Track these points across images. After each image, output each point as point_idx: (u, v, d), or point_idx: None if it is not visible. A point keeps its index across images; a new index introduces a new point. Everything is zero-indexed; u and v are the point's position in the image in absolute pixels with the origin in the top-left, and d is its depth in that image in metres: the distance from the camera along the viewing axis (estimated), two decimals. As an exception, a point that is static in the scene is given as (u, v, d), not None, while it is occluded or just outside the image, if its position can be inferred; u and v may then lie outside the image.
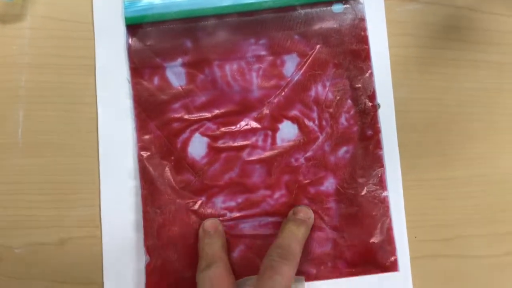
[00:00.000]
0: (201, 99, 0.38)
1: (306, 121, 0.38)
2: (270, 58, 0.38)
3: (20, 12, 0.39)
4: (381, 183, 0.37)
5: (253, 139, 0.38)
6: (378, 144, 0.37)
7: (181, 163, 0.37)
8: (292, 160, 0.37)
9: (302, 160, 0.37)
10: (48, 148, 0.38)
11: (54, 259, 0.37)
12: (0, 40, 0.39)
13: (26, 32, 0.39)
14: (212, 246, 0.35)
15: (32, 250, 0.37)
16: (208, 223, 0.36)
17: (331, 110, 0.38)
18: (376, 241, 0.37)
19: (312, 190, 0.37)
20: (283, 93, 0.38)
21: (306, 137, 0.38)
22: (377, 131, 0.37)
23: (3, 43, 0.39)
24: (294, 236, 0.34)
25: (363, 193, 0.37)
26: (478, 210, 0.37)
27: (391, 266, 0.37)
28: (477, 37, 0.38)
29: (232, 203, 0.37)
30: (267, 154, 0.38)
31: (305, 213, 0.36)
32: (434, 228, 0.37)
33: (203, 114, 0.38)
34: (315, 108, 0.38)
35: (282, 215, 0.37)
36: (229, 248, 0.37)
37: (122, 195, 0.37)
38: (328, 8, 0.38)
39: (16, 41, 0.39)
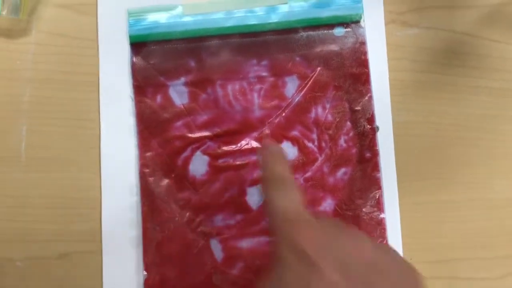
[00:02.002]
0: (203, 117, 0.38)
1: (306, 142, 0.38)
2: (271, 79, 0.39)
3: (25, 27, 0.39)
4: (378, 205, 0.38)
5: (254, 158, 0.38)
6: (376, 167, 0.38)
7: (182, 180, 0.38)
8: (291, 180, 0.38)
9: (301, 180, 0.38)
10: (50, 163, 0.38)
11: (54, 273, 0.38)
12: (5, 55, 0.39)
13: (31, 47, 0.39)
14: (284, 164, 0.30)
15: (32, 264, 0.38)
16: (273, 147, 0.33)
17: (330, 131, 0.38)
18: (372, 262, 0.37)
19: (310, 210, 0.38)
20: (283, 114, 0.38)
21: (306, 158, 0.38)
22: (375, 153, 0.38)
23: (8, 57, 0.39)
24: None
25: (360, 215, 0.38)
26: (473, 234, 0.38)
27: (387, 287, 0.37)
28: (477, 63, 0.39)
29: (232, 222, 0.38)
30: (267, 173, 0.38)
31: None
32: (430, 251, 0.38)
33: (205, 132, 0.38)
34: (314, 129, 0.38)
35: (280, 235, 0.37)
36: (229, 263, 0.37)
37: (122, 211, 0.38)
38: (330, 31, 0.39)
39: (21, 56, 0.39)
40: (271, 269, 0.27)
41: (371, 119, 0.38)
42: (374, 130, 0.38)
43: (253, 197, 0.38)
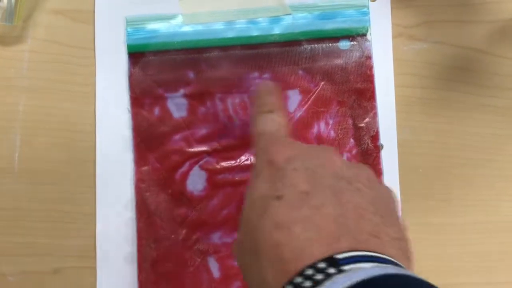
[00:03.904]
0: (202, 131, 0.37)
1: (307, 159, 0.37)
2: (273, 92, 0.37)
3: (20, 34, 0.38)
4: (381, 226, 0.37)
5: (253, 175, 0.37)
6: (379, 186, 0.37)
7: (179, 196, 0.37)
8: (292, 198, 0.37)
9: (301, 198, 0.37)
10: (44, 175, 0.37)
11: (47, 288, 0.37)
12: (-1, 62, 0.38)
13: (25, 55, 0.38)
14: (274, 95, 0.33)
15: (25, 278, 0.37)
16: (268, 82, 0.35)
17: (333, 148, 0.37)
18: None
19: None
20: (285, 129, 0.37)
21: (307, 175, 0.37)
22: (379, 172, 0.37)
23: (1, 65, 0.38)
24: None
25: (362, 235, 0.36)
26: (475, 258, 0.37)
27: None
28: (485, 81, 0.38)
29: (229, 240, 0.37)
30: (267, 191, 0.37)
31: None
32: (431, 274, 0.37)
33: (203, 147, 0.37)
34: (317, 145, 0.37)
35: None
36: (226, 282, 0.36)
37: (118, 226, 0.37)
38: (335, 44, 0.37)
39: (15, 64, 0.38)
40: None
41: (375, 137, 0.37)
42: (378, 148, 0.37)
43: (252, 214, 0.37)
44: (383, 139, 0.37)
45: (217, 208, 0.37)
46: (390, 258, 0.23)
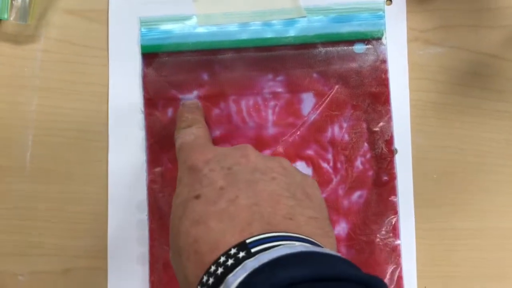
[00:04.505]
0: (215, 133, 0.37)
1: (321, 162, 0.37)
2: (287, 95, 0.37)
3: (33, 33, 0.38)
4: (394, 231, 0.36)
5: (266, 177, 0.37)
6: (393, 191, 0.37)
7: (191, 198, 0.37)
8: (305, 201, 0.37)
9: (314, 202, 0.37)
10: (56, 175, 0.37)
11: (58, 288, 0.37)
12: (11, 61, 0.38)
13: (38, 55, 0.38)
14: (194, 112, 0.35)
15: (35, 278, 0.37)
16: (188, 102, 0.36)
17: (346, 152, 0.37)
18: (385, 289, 0.36)
19: None
20: (298, 132, 0.37)
21: (320, 179, 0.37)
22: (392, 177, 0.37)
23: (14, 64, 0.38)
24: None
25: (375, 240, 0.36)
26: (487, 264, 0.37)
27: (399, 315, 0.36)
28: (501, 86, 0.37)
29: (241, 242, 0.37)
30: (279, 194, 0.37)
31: None
32: (444, 279, 0.37)
33: (216, 149, 0.37)
34: (330, 149, 0.37)
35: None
36: None
37: (129, 227, 0.37)
38: (350, 47, 0.37)
39: (28, 63, 0.38)
40: None
41: (389, 141, 0.37)
42: (392, 152, 0.37)
43: (265, 217, 0.37)
44: (397, 143, 0.37)
45: (229, 210, 0.37)
46: (304, 237, 0.24)
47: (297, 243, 0.24)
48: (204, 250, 0.25)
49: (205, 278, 0.23)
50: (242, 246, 0.24)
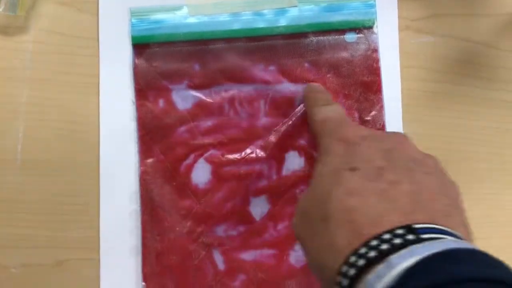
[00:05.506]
0: (207, 124, 0.37)
1: (313, 152, 0.37)
2: (279, 85, 0.37)
3: (23, 24, 0.37)
4: (386, 220, 0.36)
5: (258, 167, 0.37)
6: (385, 180, 0.37)
7: (184, 189, 0.37)
8: (297, 191, 0.37)
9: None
10: (47, 167, 0.37)
11: (50, 281, 0.37)
12: (1, 53, 0.37)
13: (28, 46, 0.37)
14: (325, 93, 0.36)
15: (28, 271, 0.37)
16: (315, 84, 0.37)
17: (338, 142, 0.37)
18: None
19: None
20: (290, 122, 0.37)
21: (312, 169, 0.37)
22: (384, 166, 0.37)
23: (4, 56, 0.37)
24: None
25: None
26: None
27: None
28: (492, 74, 0.37)
29: (234, 232, 0.37)
30: (272, 184, 0.37)
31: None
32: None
33: (208, 140, 0.37)
34: (322, 139, 0.37)
35: (284, 248, 0.36)
36: (230, 275, 0.36)
37: (122, 218, 0.37)
38: (341, 37, 0.37)
39: (18, 55, 0.37)
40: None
41: (381, 130, 0.37)
42: (384, 141, 0.37)
43: (257, 207, 0.37)
44: (389, 132, 0.37)
45: (221, 201, 0.37)
46: (461, 236, 0.24)
47: (462, 240, 0.23)
48: (362, 221, 0.24)
49: (363, 249, 0.22)
50: (409, 229, 0.23)
